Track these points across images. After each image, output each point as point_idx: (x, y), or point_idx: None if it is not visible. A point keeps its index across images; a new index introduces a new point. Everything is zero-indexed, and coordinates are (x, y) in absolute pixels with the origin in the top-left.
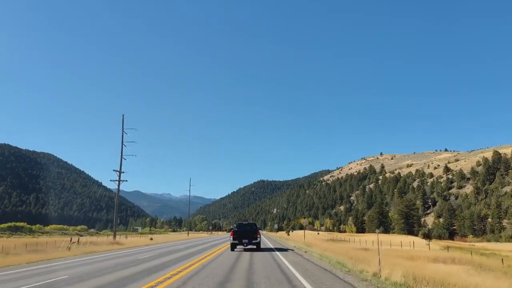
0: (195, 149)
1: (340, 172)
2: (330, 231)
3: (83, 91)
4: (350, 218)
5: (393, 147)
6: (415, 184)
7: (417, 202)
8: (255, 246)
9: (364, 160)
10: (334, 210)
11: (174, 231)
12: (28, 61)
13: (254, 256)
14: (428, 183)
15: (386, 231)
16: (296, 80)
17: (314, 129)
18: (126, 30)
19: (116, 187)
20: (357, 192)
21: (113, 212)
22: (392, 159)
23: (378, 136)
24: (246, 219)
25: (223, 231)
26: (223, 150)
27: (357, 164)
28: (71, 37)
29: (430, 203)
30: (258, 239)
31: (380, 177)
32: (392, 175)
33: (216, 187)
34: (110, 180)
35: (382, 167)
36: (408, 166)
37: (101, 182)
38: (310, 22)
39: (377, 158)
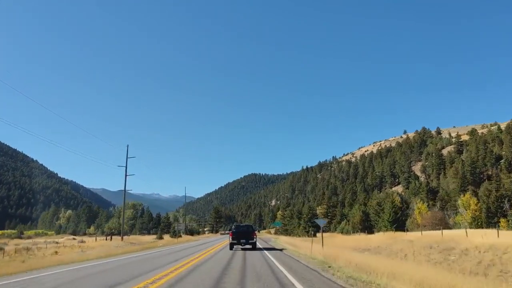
0: (187, 148)
1: (352, 156)
2: (477, 225)
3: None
4: None
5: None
6: None
7: None
8: (251, 246)
9: (384, 141)
10: (381, 193)
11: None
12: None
13: None
14: None
15: None
16: (285, 78)
17: (309, 123)
18: (119, 31)
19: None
20: (419, 163)
21: (52, 207)
22: None
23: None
24: (233, 215)
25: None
26: (214, 149)
27: (373, 146)
28: (64, 39)
29: None
30: (254, 239)
31: (458, 137)
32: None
33: (206, 186)
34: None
35: (438, 132)
36: (485, 127)
37: (56, 173)
38: (289, 21)
39: (401, 137)
